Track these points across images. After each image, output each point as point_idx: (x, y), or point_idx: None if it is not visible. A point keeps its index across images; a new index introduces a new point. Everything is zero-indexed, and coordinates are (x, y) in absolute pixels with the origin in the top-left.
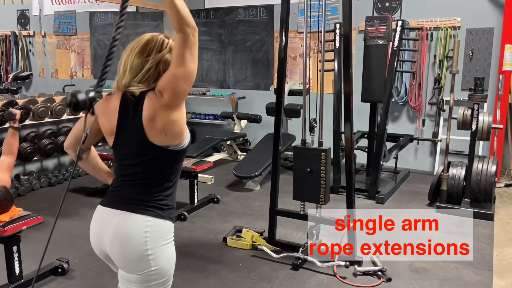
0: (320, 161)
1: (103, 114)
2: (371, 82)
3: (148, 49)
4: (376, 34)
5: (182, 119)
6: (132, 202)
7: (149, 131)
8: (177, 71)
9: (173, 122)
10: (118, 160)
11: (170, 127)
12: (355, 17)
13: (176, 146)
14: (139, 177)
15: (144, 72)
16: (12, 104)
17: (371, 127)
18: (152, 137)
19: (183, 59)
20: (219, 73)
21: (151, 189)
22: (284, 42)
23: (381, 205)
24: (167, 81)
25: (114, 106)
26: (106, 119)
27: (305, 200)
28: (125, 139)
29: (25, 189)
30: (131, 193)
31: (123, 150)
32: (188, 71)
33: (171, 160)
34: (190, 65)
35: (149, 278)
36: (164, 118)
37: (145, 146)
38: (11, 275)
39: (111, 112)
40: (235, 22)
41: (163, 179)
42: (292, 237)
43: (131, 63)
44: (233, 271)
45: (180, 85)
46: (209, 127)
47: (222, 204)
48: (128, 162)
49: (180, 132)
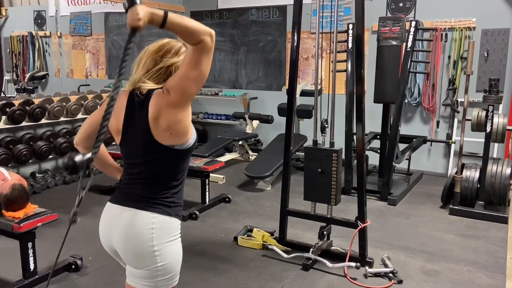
0: (332, 161)
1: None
2: (384, 83)
3: (164, 50)
4: (389, 34)
5: (187, 119)
6: (139, 199)
7: (154, 129)
8: (191, 72)
9: (178, 121)
10: (125, 159)
11: (175, 126)
12: (368, 17)
13: (181, 145)
14: (146, 176)
15: (155, 70)
16: (29, 103)
17: (384, 128)
18: (157, 136)
19: (199, 62)
20: (232, 73)
21: (158, 187)
22: (296, 43)
23: (393, 207)
24: (178, 80)
25: (121, 104)
26: (113, 118)
27: (316, 200)
28: (131, 138)
29: (40, 187)
30: (139, 190)
31: (129, 149)
32: (201, 74)
33: (177, 159)
34: (204, 68)
35: (155, 274)
36: (169, 117)
37: (150, 145)
38: (26, 271)
39: (119, 110)
40: (247, 22)
41: (170, 177)
42: (303, 237)
43: (145, 60)
44: (243, 270)
45: (190, 86)
46: (221, 127)
47: (233, 203)
48: (134, 161)
49: (185, 131)
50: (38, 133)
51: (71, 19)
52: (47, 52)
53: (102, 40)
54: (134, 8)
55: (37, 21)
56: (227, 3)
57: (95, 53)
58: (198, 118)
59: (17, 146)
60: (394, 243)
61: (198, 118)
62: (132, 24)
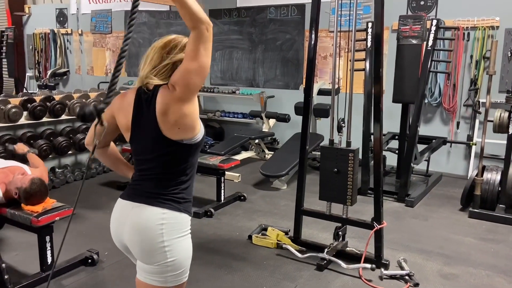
0: (348, 161)
1: (119, 110)
2: (403, 83)
3: (170, 46)
4: (409, 33)
5: (194, 113)
6: (149, 195)
7: (162, 125)
8: (190, 65)
9: (185, 115)
10: (135, 155)
11: (182, 120)
12: (388, 16)
13: (189, 140)
14: (156, 171)
15: (162, 66)
16: (49, 99)
17: (402, 129)
18: (165, 131)
19: (196, 53)
20: (249, 72)
21: (168, 183)
22: (313, 41)
23: (410, 208)
24: (180, 75)
25: (129, 101)
26: (122, 115)
27: (332, 200)
28: (140, 134)
29: (59, 182)
30: (149, 186)
31: (139, 145)
32: (201, 65)
33: (186, 154)
34: (203, 59)
35: (165, 269)
36: (176, 112)
37: (159, 141)
38: (44, 264)
39: (127, 107)
40: (266, 21)
41: (179, 173)
42: (318, 237)
43: (152, 56)
44: (257, 269)
45: (192, 79)
46: (238, 125)
47: (248, 202)
48: (144, 157)
49: (193, 125)
50: (58, 128)
51: (92, 17)
52: (68, 49)
53: (122, 38)
54: None
55: (59, 18)
56: (246, 1)
57: (115, 50)
58: (215, 116)
59: (37, 141)
60: (411, 246)
61: (215, 116)
62: None
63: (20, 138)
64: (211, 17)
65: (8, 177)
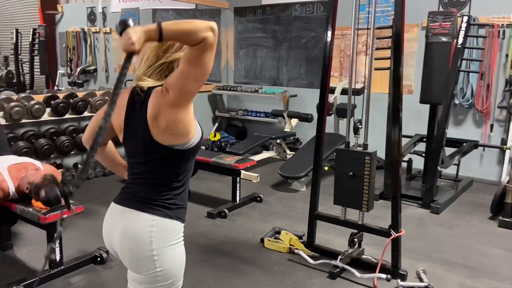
0: (364, 165)
1: (115, 110)
2: (431, 82)
3: (167, 44)
4: (439, 30)
5: (187, 119)
6: (140, 200)
7: (153, 129)
8: (192, 71)
9: (177, 121)
10: (128, 157)
11: (174, 126)
12: (418, 12)
13: (182, 145)
14: (147, 176)
15: (157, 66)
16: (72, 96)
17: (430, 131)
18: (156, 136)
19: (201, 60)
20: (273, 70)
21: (159, 188)
22: (329, 38)
23: (435, 215)
24: (176, 79)
25: (123, 102)
26: (116, 115)
27: (347, 205)
28: (132, 137)
29: None
30: (140, 191)
31: (131, 148)
32: (204, 72)
33: (178, 160)
34: (208, 66)
35: (154, 279)
36: (168, 117)
37: (150, 145)
38: (52, 261)
39: (121, 108)
40: (290, 18)
41: (171, 178)
42: (333, 243)
43: (148, 55)
44: (266, 274)
45: (190, 85)
46: (260, 124)
47: (264, 203)
48: (136, 160)
49: (185, 131)
50: (81, 125)
51: (121, 15)
52: (96, 47)
53: None
54: (126, 32)
55: (90, 17)
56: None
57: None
58: (237, 115)
59: (60, 138)
60: (433, 255)
61: (238, 115)
62: (126, 49)
63: (43, 134)
64: (236, 15)
65: (21, 173)
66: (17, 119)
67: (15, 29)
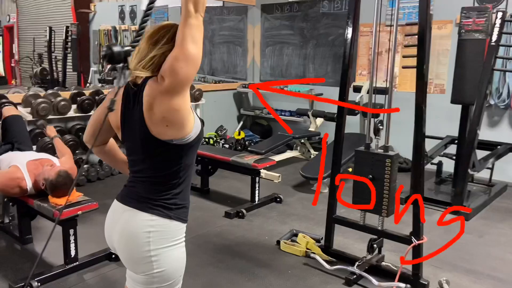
0: (385, 168)
1: None
2: (464, 82)
3: (158, 36)
4: (472, 27)
5: (184, 108)
6: (140, 199)
7: (149, 121)
8: (177, 52)
9: (174, 110)
10: (127, 155)
11: (170, 116)
12: (452, 8)
13: (180, 139)
14: (146, 174)
15: (148, 59)
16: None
17: (462, 132)
18: (153, 130)
19: (183, 40)
20: (299, 68)
21: (159, 187)
22: (350, 35)
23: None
24: (168, 63)
25: (119, 98)
26: (113, 114)
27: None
28: (129, 133)
29: (104, 174)
30: (141, 190)
31: (129, 145)
32: (187, 53)
33: (177, 156)
34: (189, 47)
35: (151, 280)
36: (163, 106)
37: (147, 141)
38: (67, 257)
39: (117, 104)
40: (318, 15)
41: (171, 176)
42: (352, 248)
43: (140, 46)
44: (280, 278)
45: (181, 68)
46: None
47: (284, 204)
48: (135, 158)
49: (182, 122)
50: None
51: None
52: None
53: None
54: None
55: (121, 15)
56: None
57: None
58: (262, 113)
59: None
60: (458, 264)
61: (262, 113)
62: None
63: (69, 131)
64: (263, 12)
65: (38, 169)
66: (43, 115)
67: (49, 27)
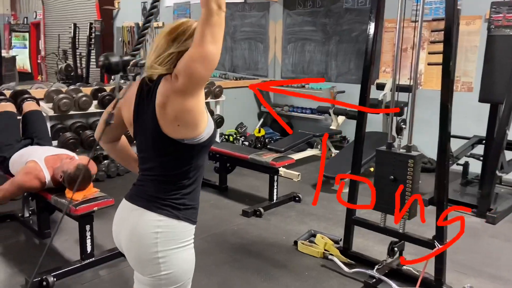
0: (407, 168)
1: (125, 102)
2: (493, 79)
3: (177, 33)
4: (503, 22)
5: (197, 109)
6: (149, 198)
7: (161, 120)
8: (195, 51)
9: (187, 111)
10: (138, 152)
11: (183, 116)
12: (481, 3)
13: (191, 139)
14: (156, 172)
15: (166, 55)
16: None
17: (490, 132)
18: (164, 128)
19: (202, 38)
20: (321, 65)
21: (168, 186)
22: (372, 31)
23: (491, 226)
24: (184, 63)
25: (132, 94)
26: (126, 108)
27: (387, 211)
28: (141, 130)
29: (124, 169)
30: (150, 189)
31: (141, 141)
32: (205, 53)
33: (188, 156)
34: (208, 47)
35: (159, 283)
36: (177, 105)
37: (159, 139)
38: (83, 252)
39: (131, 100)
40: (341, 10)
41: (181, 175)
42: (372, 250)
43: (157, 43)
44: (296, 280)
45: (196, 68)
46: (307, 121)
47: (303, 203)
48: (146, 155)
49: (194, 123)
50: None
51: (174, 9)
52: (148, 42)
53: None
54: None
55: (143, 12)
56: None
57: None
58: (283, 111)
59: None
60: (484, 270)
61: (283, 111)
62: None
63: (90, 126)
64: (285, 8)
65: (57, 163)
66: (64, 111)
67: (73, 23)
